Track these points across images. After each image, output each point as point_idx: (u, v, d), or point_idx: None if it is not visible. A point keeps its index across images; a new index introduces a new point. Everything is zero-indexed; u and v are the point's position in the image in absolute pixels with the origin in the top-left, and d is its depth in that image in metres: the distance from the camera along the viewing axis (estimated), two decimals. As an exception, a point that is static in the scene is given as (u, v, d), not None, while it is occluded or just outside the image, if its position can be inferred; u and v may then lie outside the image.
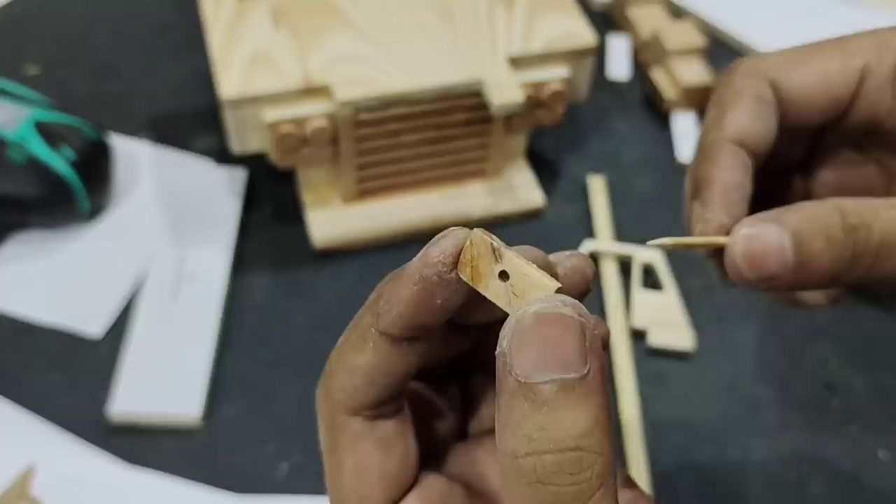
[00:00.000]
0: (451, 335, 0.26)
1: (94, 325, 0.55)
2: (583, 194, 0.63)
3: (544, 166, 0.65)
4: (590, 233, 0.61)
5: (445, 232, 0.23)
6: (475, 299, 0.23)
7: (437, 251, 0.22)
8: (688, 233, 0.28)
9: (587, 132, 0.67)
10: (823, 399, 0.54)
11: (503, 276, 0.22)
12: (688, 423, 0.53)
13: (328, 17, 0.57)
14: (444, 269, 0.22)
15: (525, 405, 0.19)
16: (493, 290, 0.22)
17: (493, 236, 0.22)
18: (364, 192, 0.60)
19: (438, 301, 0.22)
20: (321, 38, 0.55)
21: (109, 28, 0.74)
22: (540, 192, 0.62)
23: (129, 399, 0.51)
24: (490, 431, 0.28)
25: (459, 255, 0.22)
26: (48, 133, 0.57)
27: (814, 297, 0.32)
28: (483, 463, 0.27)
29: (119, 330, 0.55)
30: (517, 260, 0.22)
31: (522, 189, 0.62)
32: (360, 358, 0.24)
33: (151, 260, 0.58)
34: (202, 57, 0.58)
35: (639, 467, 0.50)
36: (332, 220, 0.59)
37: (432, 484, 0.25)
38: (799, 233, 0.25)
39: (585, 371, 0.19)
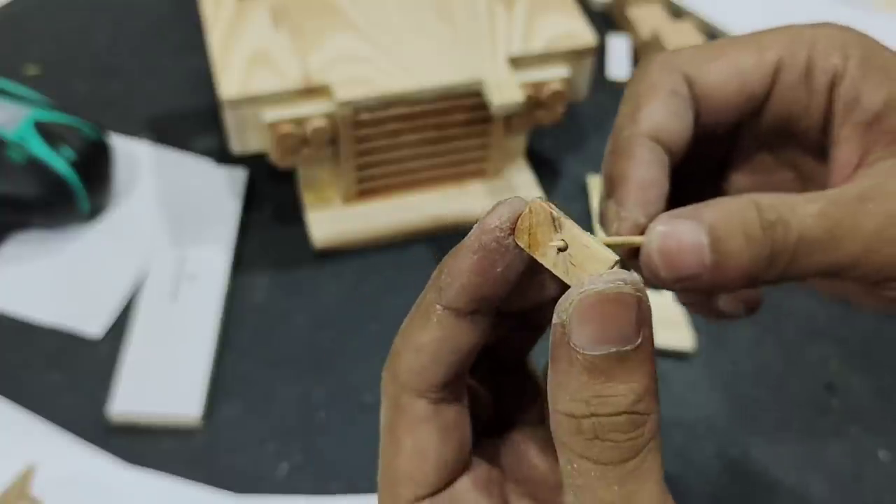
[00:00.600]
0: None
1: (94, 325, 0.55)
2: (583, 194, 0.63)
3: (544, 166, 0.65)
4: (590, 233, 0.61)
5: (502, 200, 0.23)
6: (529, 274, 0.23)
7: (494, 217, 0.23)
8: (605, 233, 0.27)
9: (587, 132, 0.67)
10: (823, 399, 0.54)
11: (561, 246, 0.22)
12: (688, 423, 0.53)
13: (328, 17, 0.57)
14: (502, 234, 0.23)
15: (583, 375, 0.21)
16: (550, 259, 0.22)
17: (553, 205, 0.23)
18: (364, 192, 0.60)
19: (498, 269, 0.23)
20: (321, 38, 0.55)
21: (109, 28, 0.74)
22: (540, 193, 0.62)
23: (129, 399, 0.51)
24: (517, 427, 0.28)
25: (517, 221, 0.23)
26: (48, 133, 0.57)
27: (730, 304, 0.30)
28: (517, 452, 0.28)
29: (119, 330, 0.55)
30: (577, 230, 0.22)
31: (522, 189, 0.62)
32: (425, 335, 0.24)
33: (151, 260, 0.58)
34: (202, 57, 0.58)
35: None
36: (332, 220, 0.59)
37: (479, 470, 0.26)
38: (716, 229, 0.24)
39: (638, 342, 0.21)
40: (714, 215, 0.24)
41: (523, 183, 0.62)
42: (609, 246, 0.22)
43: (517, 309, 0.26)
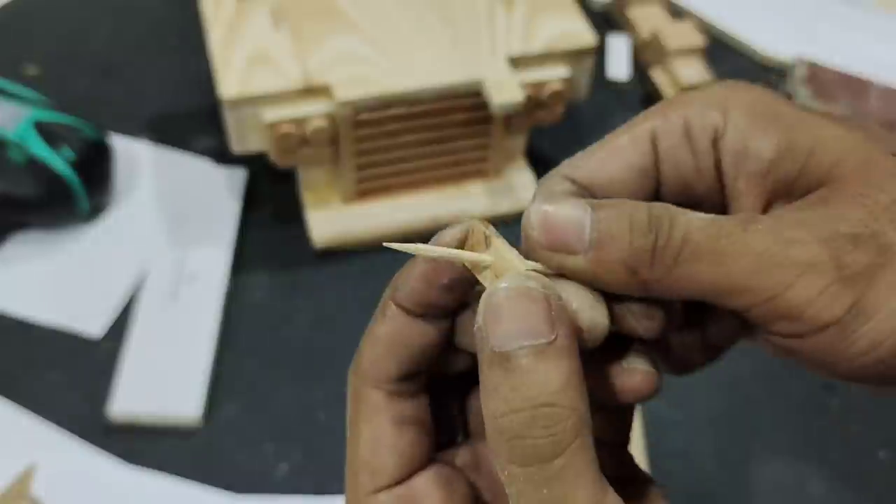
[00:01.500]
0: (453, 354, 0.28)
1: (94, 325, 0.55)
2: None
3: (544, 166, 0.65)
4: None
5: (459, 220, 0.25)
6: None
7: (447, 234, 0.25)
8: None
9: (587, 132, 0.67)
10: (823, 399, 0.54)
11: (487, 263, 0.24)
12: (687, 423, 0.53)
13: (328, 17, 0.57)
14: (447, 254, 0.24)
15: (500, 371, 0.21)
16: (483, 275, 0.24)
17: (491, 226, 0.24)
18: (364, 192, 0.60)
19: (445, 281, 0.25)
20: (321, 38, 0.55)
21: (109, 28, 0.74)
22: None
23: (129, 399, 0.51)
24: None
25: (465, 239, 0.25)
26: (48, 133, 0.57)
27: (688, 348, 0.29)
28: (482, 458, 0.28)
29: (119, 330, 0.55)
30: (502, 246, 0.24)
31: (522, 189, 0.62)
32: (381, 329, 0.27)
33: (151, 260, 0.58)
34: (202, 57, 0.58)
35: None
36: (332, 220, 0.59)
37: (442, 470, 0.27)
38: (602, 209, 0.23)
39: (553, 337, 0.21)
40: (607, 202, 0.24)
41: (523, 183, 0.62)
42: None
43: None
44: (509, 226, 0.61)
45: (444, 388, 0.29)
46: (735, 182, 0.26)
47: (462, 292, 0.25)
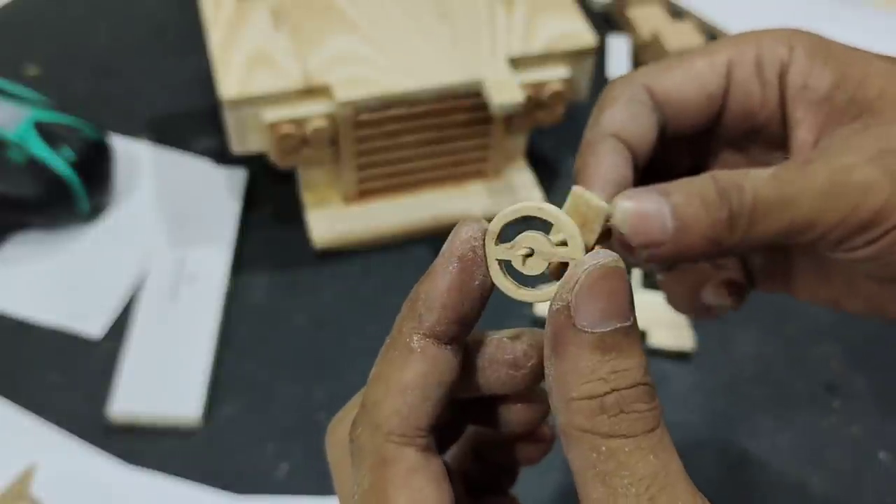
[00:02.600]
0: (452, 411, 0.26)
1: (94, 325, 0.55)
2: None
3: (544, 166, 0.65)
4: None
5: (463, 219, 0.24)
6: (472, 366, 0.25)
7: (465, 230, 0.24)
8: None
9: (587, 132, 0.67)
10: (824, 400, 0.54)
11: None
12: (688, 423, 0.53)
13: (328, 18, 0.57)
14: (477, 243, 0.24)
15: (596, 353, 0.21)
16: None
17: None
18: (364, 192, 0.60)
19: (476, 282, 0.23)
20: (321, 39, 0.55)
21: (109, 29, 0.74)
22: (540, 193, 0.62)
23: (129, 399, 0.51)
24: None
25: (485, 232, 0.24)
26: (48, 133, 0.57)
27: (715, 294, 0.32)
28: None
29: (119, 330, 0.55)
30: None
31: (522, 189, 0.62)
32: (407, 373, 0.23)
33: (151, 260, 0.58)
34: (202, 57, 0.58)
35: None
36: (332, 220, 0.59)
37: None
38: (675, 198, 0.25)
39: (632, 319, 0.22)
40: (674, 188, 0.25)
41: (523, 183, 0.62)
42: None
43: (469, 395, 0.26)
44: (510, 226, 0.61)
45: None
46: (794, 112, 0.29)
47: (486, 299, 0.24)
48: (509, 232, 0.24)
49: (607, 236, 0.26)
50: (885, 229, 0.25)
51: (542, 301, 0.23)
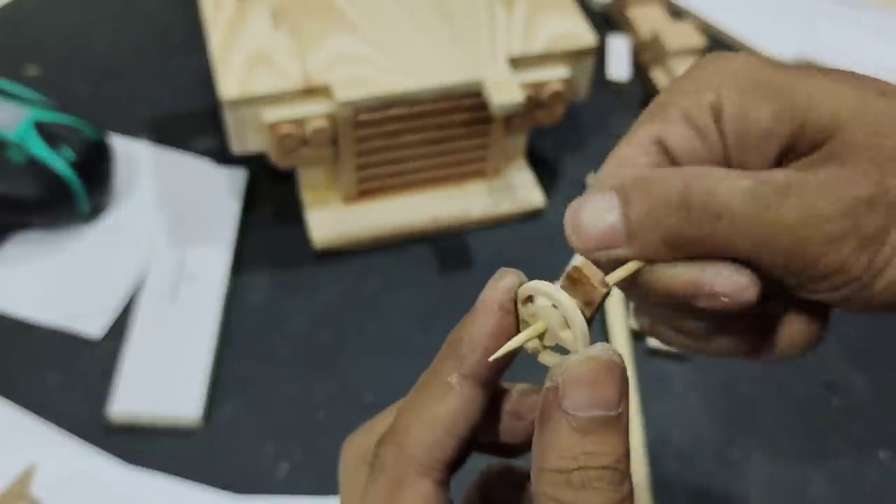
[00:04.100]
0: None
1: (94, 325, 0.55)
2: (583, 194, 0.63)
3: (544, 166, 0.65)
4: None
5: (502, 270, 0.26)
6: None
7: (506, 280, 0.25)
8: None
9: (587, 132, 0.67)
10: (823, 399, 0.54)
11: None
12: (688, 422, 0.53)
13: (328, 18, 0.57)
14: (513, 294, 0.25)
15: (574, 435, 0.23)
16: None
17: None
18: (364, 192, 0.60)
19: (517, 329, 0.25)
20: (321, 39, 0.55)
21: (109, 29, 0.74)
22: (540, 192, 0.62)
23: (129, 399, 0.51)
24: None
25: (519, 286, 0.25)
26: (48, 133, 0.58)
27: (687, 330, 0.29)
28: None
29: (119, 330, 0.55)
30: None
31: (522, 189, 0.62)
32: (440, 408, 0.25)
33: (151, 260, 0.58)
34: (202, 57, 0.58)
35: (639, 467, 0.50)
36: (332, 220, 0.59)
37: None
38: (630, 198, 0.25)
39: (620, 410, 0.23)
40: (636, 184, 0.25)
41: (523, 183, 0.62)
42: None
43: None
44: (510, 226, 0.62)
45: None
46: (741, 154, 0.27)
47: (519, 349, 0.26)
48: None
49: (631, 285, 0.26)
50: (845, 280, 0.24)
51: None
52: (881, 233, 0.24)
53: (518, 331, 0.25)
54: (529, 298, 0.25)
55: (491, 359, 0.25)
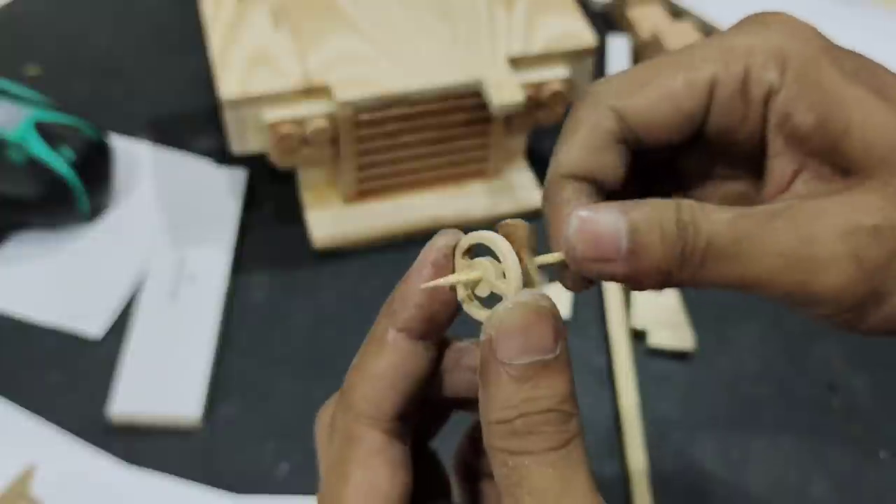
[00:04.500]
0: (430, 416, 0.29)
1: (94, 325, 0.55)
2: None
3: (544, 166, 0.64)
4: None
5: (442, 230, 0.26)
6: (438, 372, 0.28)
7: (440, 239, 0.26)
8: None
9: (587, 132, 0.67)
10: (824, 399, 0.54)
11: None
12: (688, 423, 0.53)
13: (328, 17, 0.57)
14: (449, 251, 0.26)
15: (511, 384, 0.23)
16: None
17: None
18: (364, 192, 0.60)
19: (445, 295, 0.26)
20: (321, 38, 0.55)
21: (109, 28, 0.74)
22: (540, 193, 0.62)
23: (129, 399, 0.51)
24: None
25: (455, 245, 0.26)
26: (48, 133, 0.57)
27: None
28: None
29: (119, 330, 0.55)
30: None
31: (522, 189, 0.62)
32: (380, 362, 0.26)
33: (151, 260, 0.58)
34: (202, 57, 0.58)
35: (639, 467, 0.50)
36: (332, 220, 0.59)
37: None
38: (635, 221, 0.24)
39: (557, 352, 0.23)
40: (636, 208, 0.24)
41: (523, 183, 0.62)
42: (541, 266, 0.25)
43: (433, 399, 0.28)
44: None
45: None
46: (775, 141, 0.27)
47: (456, 305, 0.26)
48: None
49: (565, 266, 0.26)
50: (839, 309, 0.24)
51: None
52: (886, 263, 0.23)
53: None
54: (469, 252, 0.26)
55: (421, 287, 0.26)
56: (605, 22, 0.77)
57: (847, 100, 0.25)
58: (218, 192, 0.62)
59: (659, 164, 0.29)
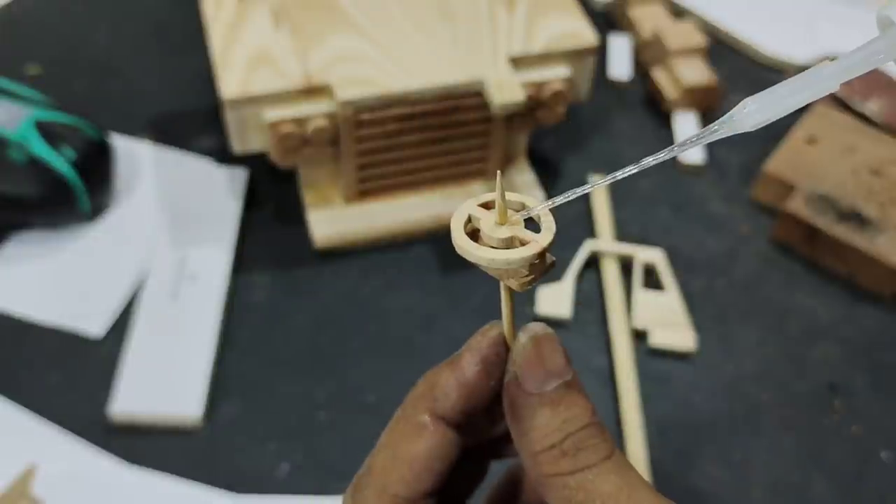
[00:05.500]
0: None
1: (94, 325, 0.55)
2: (583, 194, 0.63)
3: (545, 166, 0.65)
4: (591, 233, 0.61)
5: (491, 323, 0.27)
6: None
7: (495, 332, 0.27)
8: None
9: (588, 132, 0.67)
10: (825, 399, 0.54)
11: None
12: (689, 423, 0.53)
13: (329, 17, 0.57)
14: (502, 348, 0.27)
15: (546, 410, 0.24)
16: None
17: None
18: (365, 191, 0.60)
19: (492, 382, 0.27)
20: (322, 38, 0.55)
21: (109, 28, 0.74)
22: (540, 192, 0.62)
23: (130, 399, 0.51)
24: None
25: (506, 338, 0.27)
26: (49, 133, 0.57)
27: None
28: None
29: (120, 330, 0.55)
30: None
31: (522, 189, 0.62)
32: (417, 446, 0.27)
33: (152, 260, 0.58)
34: (202, 57, 0.58)
35: (639, 467, 0.50)
36: (332, 220, 0.59)
37: None
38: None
39: (572, 374, 0.25)
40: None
41: (523, 183, 0.62)
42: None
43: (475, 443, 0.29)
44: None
45: None
46: None
47: (494, 398, 0.27)
48: None
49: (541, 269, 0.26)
50: None
51: (489, 260, 0.26)
52: None
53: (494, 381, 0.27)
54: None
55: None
56: (606, 21, 0.77)
57: None
58: (219, 192, 0.62)
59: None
